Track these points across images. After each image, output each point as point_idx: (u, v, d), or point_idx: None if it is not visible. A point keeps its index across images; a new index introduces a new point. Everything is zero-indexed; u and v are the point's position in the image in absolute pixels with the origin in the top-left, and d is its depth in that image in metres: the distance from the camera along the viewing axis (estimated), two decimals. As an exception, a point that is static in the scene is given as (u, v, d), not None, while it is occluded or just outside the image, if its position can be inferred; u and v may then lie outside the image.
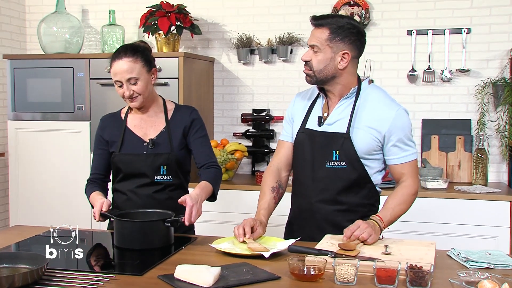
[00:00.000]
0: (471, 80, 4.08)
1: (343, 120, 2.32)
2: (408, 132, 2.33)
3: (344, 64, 2.27)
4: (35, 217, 4.13)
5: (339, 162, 2.30)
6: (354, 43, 2.27)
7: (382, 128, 2.29)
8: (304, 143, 2.39)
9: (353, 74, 2.34)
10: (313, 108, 2.42)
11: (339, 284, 1.78)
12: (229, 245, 2.20)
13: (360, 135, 2.29)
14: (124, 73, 2.46)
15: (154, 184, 2.56)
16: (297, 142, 2.43)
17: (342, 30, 2.24)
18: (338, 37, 2.24)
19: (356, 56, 2.32)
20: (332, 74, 2.29)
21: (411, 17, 4.18)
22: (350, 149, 2.29)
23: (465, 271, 1.79)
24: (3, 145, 4.44)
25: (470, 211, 3.55)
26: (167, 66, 3.95)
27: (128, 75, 2.46)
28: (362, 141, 2.29)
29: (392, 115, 2.29)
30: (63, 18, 4.40)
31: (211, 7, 4.53)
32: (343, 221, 2.26)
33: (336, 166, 2.31)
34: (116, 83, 2.50)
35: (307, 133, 2.38)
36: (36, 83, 4.20)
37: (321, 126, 2.35)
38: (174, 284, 1.76)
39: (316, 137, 2.35)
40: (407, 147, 2.33)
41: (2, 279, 1.66)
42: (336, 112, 2.35)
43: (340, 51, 2.25)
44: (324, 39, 2.25)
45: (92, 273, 1.86)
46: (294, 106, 2.51)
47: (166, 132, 2.59)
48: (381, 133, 2.29)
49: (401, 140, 2.31)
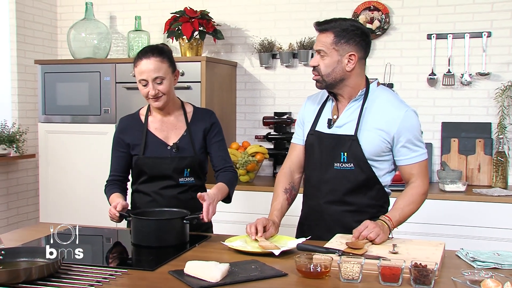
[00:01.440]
0: (491, 84, 4.04)
1: (352, 122, 2.32)
2: (417, 133, 2.33)
3: (351, 65, 2.27)
4: (63, 215, 4.22)
5: (347, 163, 2.31)
6: (359, 44, 2.28)
7: (391, 129, 2.29)
8: (314, 145, 2.40)
9: (361, 75, 2.35)
10: (323, 110, 2.43)
11: (344, 281, 1.80)
12: (241, 243, 2.23)
13: (368, 136, 2.29)
14: (151, 72, 2.49)
15: (179, 186, 2.60)
16: (308, 144, 2.45)
17: (347, 32, 2.25)
18: (343, 39, 2.25)
19: (362, 57, 2.32)
20: (341, 77, 2.29)
21: (431, 21, 4.16)
22: (357, 150, 2.29)
23: (470, 270, 1.78)
24: (34, 147, 4.55)
25: (489, 213, 3.51)
26: (190, 70, 4.00)
27: (155, 74, 2.49)
28: (370, 142, 2.29)
29: (400, 116, 2.29)
30: (91, 25, 4.49)
31: (234, 13, 4.57)
32: (351, 221, 2.26)
33: (344, 167, 2.32)
34: (141, 82, 2.51)
35: (317, 135, 2.39)
36: (65, 87, 4.30)
37: (330, 128, 2.36)
38: (183, 279, 1.79)
39: (325, 139, 2.36)
40: (416, 148, 2.32)
41: (21, 271, 1.72)
42: (345, 114, 2.35)
43: (346, 53, 2.26)
44: (330, 43, 2.26)
45: (105, 268, 1.91)
46: (305, 109, 2.53)
47: (187, 135, 2.63)
48: (389, 134, 2.29)
49: (410, 141, 2.30)
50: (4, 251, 1.91)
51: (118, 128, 2.69)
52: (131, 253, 2.29)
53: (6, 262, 1.87)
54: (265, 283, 1.80)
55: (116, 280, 1.81)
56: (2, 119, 4.36)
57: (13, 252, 1.92)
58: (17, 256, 1.90)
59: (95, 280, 1.77)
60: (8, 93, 4.55)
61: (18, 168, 4.62)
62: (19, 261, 1.89)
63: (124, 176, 2.68)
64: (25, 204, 4.70)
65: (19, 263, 1.88)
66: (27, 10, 4.63)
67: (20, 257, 1.90)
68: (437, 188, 3.83)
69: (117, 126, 2.70)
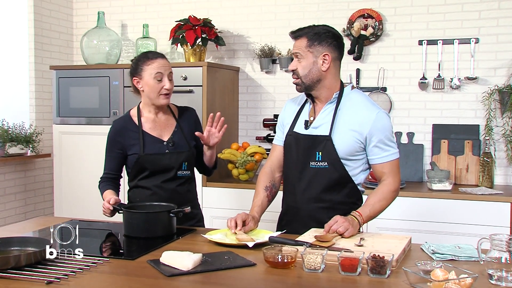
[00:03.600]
0: (479, 88, 4.05)
1: (327, 123, 2.38)
2: (388, 133, 2.37)
3: (326, 65, 2.35)
4: (75, 210, 4.33)
5: (322, 162, 2.37)
6: (331, 45, 2.36)
7: (364, 130, 2.34)
8: (291, 145, 2.47)
9: (336, 77, 2.42)
10: (301, 113, 2.50)
11: (307, 271, 1.85)
12: (221, 236, 2.29)
13: (342, 137, 2.35)
14: (167, 68, 2.65)
15: (177, 178, 2.71)
16: (286, 144, 2.51)
17: (319, 35, 2.35)
18: (316, 41, 2.34)
19: (336, 57, 2.39)
20: (317, 77, 2.36)
21: (422, 28, 4.18)
22: (331, 150, 2.35)
23: (424, 261, 1.82)
24: (49, 147, 4.68)
25: (473, 211, 3.53)
26: (192, 75, 4.09)
27: (170, 70, 2.66)
28: (344, 142, 2.35)
29: (372, 118, 2.34)
30: (103, 33, 4.61)
31: (237, 20, 4.65)
32: (325, 217, 2.30)
33: (318, 166, 2.38)
34: (156, 76, 2.61)
35: (294, 136, 2.46)
36: (78, 91, 4.42)
37: (307, 129, 2.43)
38: (159, 267, 1.87)
39: (301, 140, 2.43)
40: (388, 147, 2.37)
41: (10, 258, 1.81)
42: (321, 116, 2.42)
43: (320, 54, 2.34)
44: (304, 46, 2.35)
45: (90, 256, 1.98)
46: (285, 111, 2.60)
47: (179, 130, 2.73)
48: (362, 135, 2.35)
49: (381, 141, 2.35)
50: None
51: (113, 130, 2.75)
52: (122, 244, 2.37)
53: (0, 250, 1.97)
54: (233, 272, 1.86)
55: (97, 267, 1.89)
56: (20, 120, 4.49)
57: (6, 242, 2.01)
58: (10, 245, 2.00)
59: (77, 267, 1.85)
60: (26, 96, 4.69)
61: (35, 167, 4.75)
62: (11, 249, 1.98)
63: (117, 174, 2.77)
64: (42, 200, 4.83)
65: (11, 251, 1.97)
66: (44, 19, 4.76)
67: (12, 246, 1.99)
68: (425, 187, 3.86)
69: (112, 128, 2.76)
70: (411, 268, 1.75)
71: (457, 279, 1.63)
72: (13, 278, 1.76)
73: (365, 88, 4.32)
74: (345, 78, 4.36)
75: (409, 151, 4.20)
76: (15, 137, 4.33)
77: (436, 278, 1.65)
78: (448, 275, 1.65)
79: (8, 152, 4.30)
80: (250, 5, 4.63)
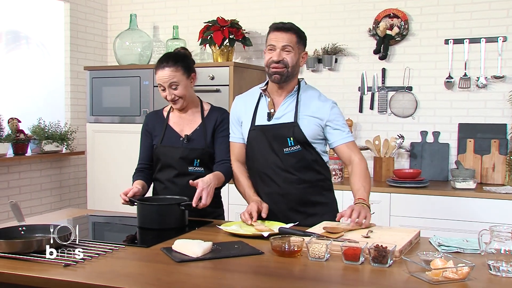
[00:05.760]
0: (506, 86, 4.03)
1: (290, 113, 2.58)
2: (342, 119, 2.62)
3: (303, 62, 2.66)
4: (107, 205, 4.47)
5: (295, 146, 2.56)
6: (305, 46, 2.65)
7: (323, 116, 2.57)
8: (258, 138, 2.62)
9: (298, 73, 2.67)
10: (258, 107, 2.65)
11: (312, 260, 1.92)
12: (236, 227, 2.38)
13: (305, 123, 2.56)
14: (166, 80, 2.69)
15: (188, 174, 2.75)
16: (251, 138, 2.65)
17: (302, 35, 2.61)
18: (302, 40, 2.61)
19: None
20: (296, 71, 2.60)
21: (448, 27, 4.18)
22: (300, 134, 2.55)
23: (426, 252, 1.87)
24: (83, 145, 4.86)
25: (496, 210, 3.52)
26: (219, 75, 4.19)
27: (170, 81, 2.69)
28: (307, 127, 2.56)
29: (328, 106, 2.60)
30: (135, 34, 4.77)
31: (264, 21, 4.71)
32: (307, 195, 2.57)
33: (293, 150, 2.57)
34: (159, 86, 2.74)
35: (259, 129, 2.62)
36: (110, 90, 4.58)
37: (270, 121, 2.60)
38: (170, 254, 1.96)
39: (267, 130, 2.59)
40: (346, 130, 2.61)
41: (33, 242, 1.94)
42: (282, 107, 2.61)
43: (302, 52, 2.62)
44: (295, 42, 2.56)
45: (106, 243, 2.10)
46: (236, 108, 2.75)
47: (201, 129, 2.80)
48: (322, 121, 2.57)
49: (339, 124, 2.59)
50: (25, 227, 2.15)
51: (144, 121, 2.90)
52: (138, 234, 2.48)
53: (25, 236, 2.11)
54: (241, 259, 1.94)
55: (112, 253, 2.00)
56: (56, 119, 4.69)
57: (31, 229, 2.14)
58: (35, 232, 2.13)
59: (95, 252, 1.97)
60: (62, 96, 4.90)
61: (70, 164, 4.95)
62: (36, 236, 2.11)
63: (150, 164, 2.87)
64: (76, 196, 5.02)
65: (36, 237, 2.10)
66: (80, 22, 4.96)
67: (37, 233, 2.12)
68: (449, 186, 3.85)
69: (144, 120, 2.91)
70: (412, 258, 1.79)
71: (454, 267, 1.67)
72: (34, 260, 1.88)
73: (390, 88, 4.34)
74: (370, 78, 4.39)
75: (435, 150, 4.20)
76: (51, 135, 4.52)
77: (436, 267, 1.69)
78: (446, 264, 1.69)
79: (44, 149, 4.49)
80: (277, 6, 4.71)
